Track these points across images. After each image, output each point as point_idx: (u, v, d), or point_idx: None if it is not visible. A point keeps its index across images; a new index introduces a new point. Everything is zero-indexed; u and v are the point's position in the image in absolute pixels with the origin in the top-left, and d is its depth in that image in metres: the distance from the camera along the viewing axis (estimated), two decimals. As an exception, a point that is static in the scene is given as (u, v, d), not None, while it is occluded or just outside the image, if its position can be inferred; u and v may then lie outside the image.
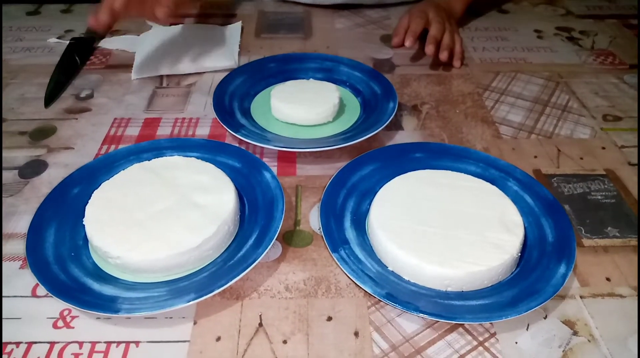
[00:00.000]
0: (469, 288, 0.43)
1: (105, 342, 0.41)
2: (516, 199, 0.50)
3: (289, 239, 0.50)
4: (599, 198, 0.54)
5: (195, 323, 0.42)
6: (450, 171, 0.52)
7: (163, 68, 0.73)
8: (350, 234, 0.48)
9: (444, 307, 0.41)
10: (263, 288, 0.45)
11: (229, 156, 0.55)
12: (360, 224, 0.49)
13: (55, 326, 0.42)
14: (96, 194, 0.48)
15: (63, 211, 0.49)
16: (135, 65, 0.74)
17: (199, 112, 0.66)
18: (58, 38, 0.82)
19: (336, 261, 0.45)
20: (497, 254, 0.43)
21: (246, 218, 0.50)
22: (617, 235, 0.50)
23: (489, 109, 0.67)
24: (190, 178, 0.50)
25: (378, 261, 0.46)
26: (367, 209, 0.50)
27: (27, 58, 0.77)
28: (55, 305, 0.43)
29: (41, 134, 0.62)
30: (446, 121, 0.65)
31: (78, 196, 0.50)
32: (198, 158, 0.53)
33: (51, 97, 0.68)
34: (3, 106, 0.66)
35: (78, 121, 0.64)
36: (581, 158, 0.59)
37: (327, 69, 0.71)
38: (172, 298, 0.41)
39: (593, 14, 0.92)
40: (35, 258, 0.44)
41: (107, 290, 0.42)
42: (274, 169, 0.57)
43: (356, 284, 0.44)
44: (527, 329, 0.42)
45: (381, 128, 0.58)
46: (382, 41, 0.82)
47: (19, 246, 0.48)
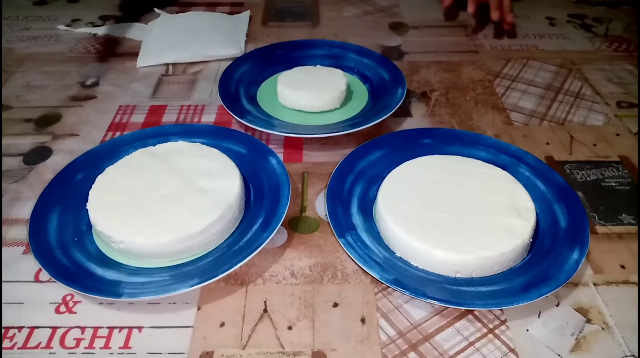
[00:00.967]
0: (479, 274, 0.42)
1: (107, 327, 0.40)
2: (528, 185, 0.49)
3: (295, 225, 0.49)
4: (613, 184, 0.53)
5: (199, 308, 0.42)
6: (459, 157, 0.51)
7: (168, 56, 0.72)
8: (357, 220, 0.47)
9: (453, 293, 0.40)
10: (268, 274, 0.44)
11: (235, 142, 0.54)
12: (367, 210, 0.48)
13: (57, 311, 0.41)
14: (100, 179, 0.48)
15: (67, 196, 0.49)
16: (141, 53, 0.73)
17: (205, 100, 0.65)
18: (66, 26, 0.81)
19: (342, 246, 0.44)
20: (508, 239, 0.42)
21: (252, 203, 0.49)
22: (632, 221, 0.49)
23: (500, 96, 0.66)
24: (195, 163, 0.49)
25: (385, 247, 0.45)
26: (375, 196, 0.49)
27: (34, 47, 0.76)
28: (57, 290, 0.43)
29: (46, 121, 0.61)
30: (456, 108, 0.64)
31: (82, 181, 0.50)
32: (204, 143, 0.52)
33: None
34: (9, 94, 0.66)
35: (83, 108, 0.64)
36: (594, 145, 0.58)
37: (335, 56, 0.70)
38: (176, 282, 0.40)
39: (607, 1, 0.90)
40: (37, 243, 0.44)
41: (110, 274, 0.42)
42: (281, 156, 0.56)
43: (363, 270, 0.43)
44: (539, 316, 0.41)
45: (389, 114, 0.57)
46: (391, 29, 0.81)
47: (23, 232, 0.48)
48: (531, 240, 0.44)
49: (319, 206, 0.51)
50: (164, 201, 0.45)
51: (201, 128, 0.56)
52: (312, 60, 0.69)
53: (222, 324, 0.40)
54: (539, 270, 0.42)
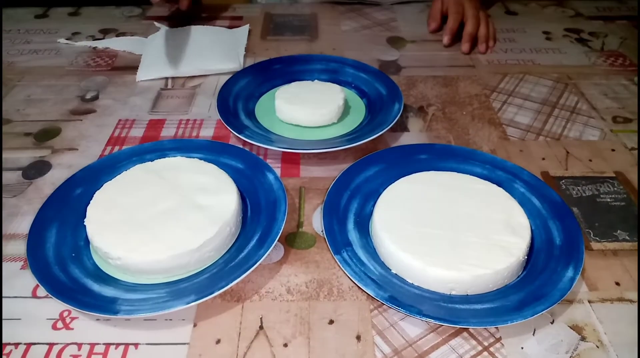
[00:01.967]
0: (474, 291, 0.42)
1: (104, 344, 0.40)
2: (523, 202, 0.49)
3: (292, 241, 0.49)
4: (609, 200, 0.53)
5: (195, 325, 0.42)
6: (455, 173, 0.51)
7: (168, 71, 0.73)
8: (353, 236, 0.47)
9: (448, 311, 0.40)
10: (264, 290, 0.44)
11: (232, 157, 0.55)
12: (363, 226, 0.48)
13: (54, 327, 0.42)
14: (98, 195, 0.48)
15: (65, 211, 0.49)
16: (140, 67, 0.74)
17: (204, 114, 0.66)
18: (67, 39, 0.82)
19: (338, 263, 0.44)
20: (503, 257, 0.42)
21: (248, 219, 0.49)
22: (627, 238, 0.49)
23: (496, 111, 0.66)
24: (192, 179, 0.49)
25: (381, 264, 0.45)
26: (371, 212, 0.49)
27: (34, 60, 0.77)
28: (55, 306, 0.43)
29: (46, 136, 0.62)
30: (453, 123, 0.64)
31: (80, 196, 0.50)
32: (201, 159, 0.53)
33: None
34: (9, 108, 0.67)
35: (82, 122, 0.64)
36: (590, 160, 0.58)
37: (333, 71, 0.70)
38: (172, 299, 0.40)
39: (603, 16, 0.90)
40: (35, 258, 0.44)
41: (107, 291, 0.42)
42: (278, 171, 0.57)
43: (359, 287, 0.43)
44: (534, 334, 0.41)
45: (386, 129, 0.58)
46: (389, 43, 0.82)
47: (21, 247, 0.48)
48: (526, 257, 0.44)
49: (316, 222, 0.51)
50: (162, 217, 0.46)
51: (199, 143, 0.56)
52: (310, 74, 0.70)
53: (218, 341, 0.41)
54: (534, 287, 0.42)
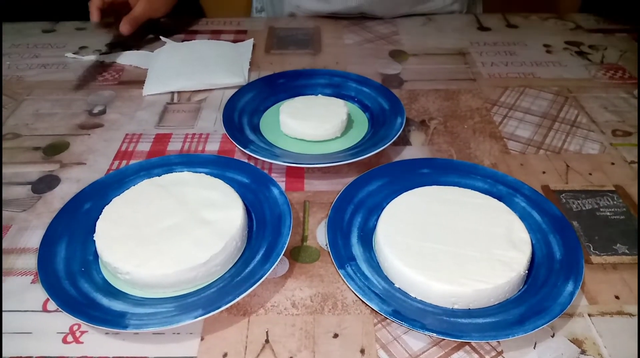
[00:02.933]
0: (476, 305, 0.43)
1: (113, 357, 0.41)
2: (524, 216, 0.50)
3: (296, 255, 0.50)
4: (608, 214, 0.54)
5: (202, 339, 0.43)
6: (457, 188, 0.52)
7: (174, 85, 0.74)
8: (357, 250, 0.48)
9: (451, 325, 0.41)
10: (270, 304, 0.45)
11: (238, 171, 0.56)
12: (367, 240, 0.49)
13: (64, 341, 0.42)
14: (107, 210, 0.49)
15: (74, 226, 0.50)
16: (147, 81, 0.75)
17: (209, 128, 0.67)
18: (74, 54, 0.83)
19: (342, 277, 0.45)
20: (504, 271, 0.43)
21: (254, 233, 0.50)
22: (627, 251, 0.50)
23: (497, 125, 0.67)
24: (199, 194, 0.50)
25: (385, 278, 0.46)
26: (374, 226, 0.50)
27: (43, 74, 0.78)
28: (65, 319, 0.44)
29: (54, 150, 0.63)
30: (454, 137, 0.65)
31: (89, 211, 0.51)
32: (207, 173, 0.54)
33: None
34: (18, 122, 0.68)
35: (90, 136, 0.65)
36: (590, 174, 0.59)
37: (336, 85, 0.72)
38: (180, 314, 0.41)
39: (603, 28, 0.91)
40: (46, 273, 0.45)
41: (116, 305, 0.43)
42: (282, 185, 0.58)
43: (363, 301, 0.44)
44: (535, 347, 0.42)
45: (389, 144, 0.59)
46: (391, 56, 0.83)
47: (31, 261, 0.49)
48: (527, 271, 0.45)
49: (320, 236, 0.52)
50: (169, 232, 0.47)
51: (205, 158, 0.57)
52: (314, 89, 0.71)
53: (225, 355, 0.41)
54: (535, 301, 0.43)
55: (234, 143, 0.59)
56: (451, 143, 0.64)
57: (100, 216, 0.48)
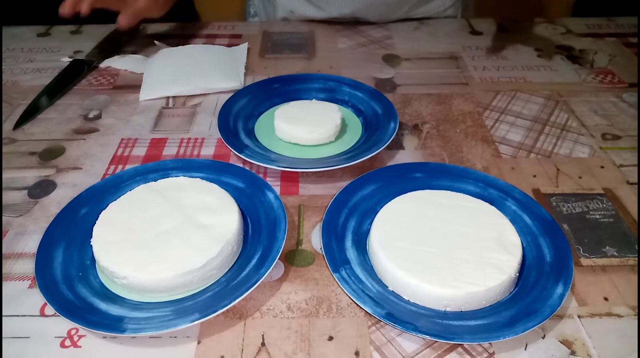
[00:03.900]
0: (468, 308, 0.44)
1: (111, 361, 0.42)
2: (515, 219, 0.51)
3: (292, 258, 0.51)
4: (598, 217, 0.55)
5: (199, 342, 0.43)
6: (449, 191, 0.53)
7: (170, 89, 0.74)
8: (351, 254, 0.49)
9: (443, 327, 0.42)
10: (265, 307, 0.46)
11: (233, 176, 0.56)
12: (361, 244, 0.50)
13: (62, 345, 0.43)
14: (103, 215, 0.50)
15: (71, 231, 0.50)
16: (143, 86, 0.76)
17: (204, 133, 0.67)
18: (69, 58, 0.84)
19: (337, 281, 0.45)
20: (495, 274, 0.44)
21: (249, 237, 0.51)
22: (615, 254, 0.51)
23: (489, 129, 0.68)
24: (195, 198, 0.51)
25: (378, 281, 0.46)
26: (368, 229, 0.51)
27: (38, 79, 0.79)
28: (63, 324, 0.44)
29: (50, 155, 0.63)
30: (446, 141, 0.66)
31: (86, 216, 0.52)
32: (203, 178, 0.54)
33: (23, 120, 0.69)
34: (14, 126, 0.68)
35: (86, 141, 0.66)
36: (580, 177, 0.60)
37: (330, 89, 0.72)
38: (177, 318, 0.42)
39: (593, 33, 0.93)
40: (44, 277, 0.46)
41: (114, 309, 0.43)
42: (277, 189, 0.58)
43: (357, 304, 0.45)
44: (526, 349, 0.43)
45: (382, 148, 0.59)
46: (384, 61, 0.84)
47: (28, 266, 0.49)
48: (517, 274, 0.45)
49: (315, 239, 0.53)
50: (165, 236, 0.47)
51: (201, 163, 0.58)
52: (308, 93, 0.72)
53: (222, 358, 0.42)
54: (525, 303, 0.44)
55: (229, 147, 0.60)
56: (443, 146, 0.65)
57: (97, 221, 0.49)
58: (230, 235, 0.47)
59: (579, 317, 0.45)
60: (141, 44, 0.88)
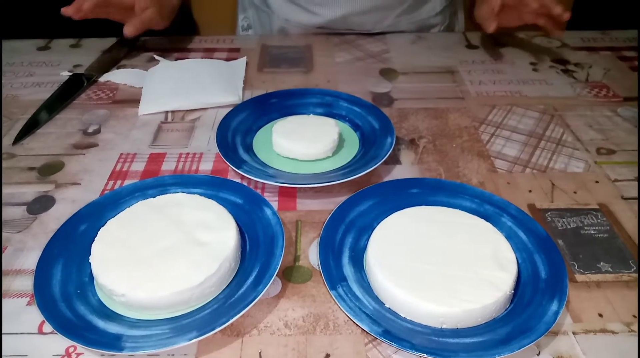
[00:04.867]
0: (464, 325, 0.44)
1: (109, 379, 0.42)
2: (510, 235, 0.52)
3: (289, 275, 0.51)
4: (592, 232, 0.56)
5: (196, 360, 0.43)
6: (445, 208, 0.53)
7: (169, 104, 0.75)
8: (348, 270, 0.49)
9: (439, 345, 0.42)
10: (263, 324, 0.46)
11: (231, 192, 0.57)
12: (358, 260, 0.50)
13: (61, 363, 0.43)
14: (102, 232, 0.50)
15: (70, 248, 0.51)
16: (142, 101, 0.76)
17: (203, 147, 0.68)
18: (69, 72, 0.84)
19: (334, 298, 0.46)
20: (491, 291, 0.44)
21: (247, 254, 0.51)
22: (610, 269, 0.51)
23: (485, 143, 0.69)
24: (193, 215, 0.51)
25: (375, 298, 0.47)
26: (365, 246, 0.51)
27: (37, 93, 0.79)
28: (61, 342, 0.44)
29: (49, 170, 0.64)
30: (443, 155, 0.67)
31: (85, 232, 0.52)
32: (201, 194, 0.55)
33: (23, 135, 0.70)
34: (13, 141, 0.69)
35: (85, 156, 0.66)
36: (575, 192, 0.61)
37: (327, 104, 0.73)
38: (175, 336, 0.42)
39: (587, 46, 0.94)
40: (42, 295, 0.46)
41: (112, 327, 0.44)
42: (275, 204, 0.59)
43: (353, 321, 0.45)
44: (521, 366, 0.43)
45: (379, 163, 0.60)
46: (381, 75, 0.85)
47: (27, 283, 0.50)
48: (513, 291, 0.46)
49: (312, 255, 0.53)
50: (164, 254, 0.47)
51: (199, 179, 0.58)
52: (306, 108, 0.72)
53: (219, 375, 0.42)
54: (521, 320, 0.44)
55: (228, 163, 0.61)
56: (440, 161, 0.66)
57: (95, 238, 0.49)
58: (228, 251, 0.47)
59: (574, 334, 0.46)
60: (140, 58, 0.89)
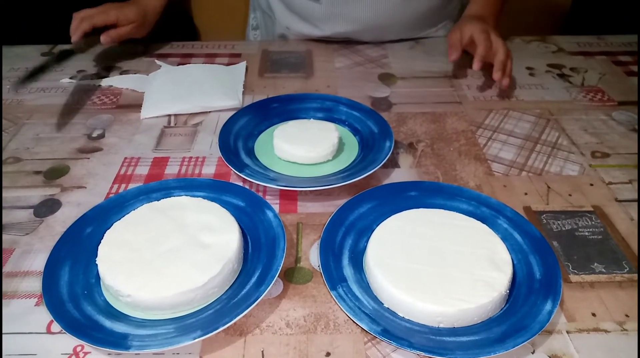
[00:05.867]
0: (460, 324, 0.45)
1: (116, 377, 0.43)
2: (506, 237, 0.53)
3: (290, 276, 0.52)
4: (586, 234, 0.57)
5: (201, 358, 0.45)
6: (442, 210, 0.55)
7: (170, 108, 0.76)
8: (348, 271, 0.50)
9: (436, 343, 0.43)
10: (265, 324, 0.48)
11: (234, 195, 0.58)
12: (357, 261, 0.52)
13: (69, 362, 0.44)
14: (108, 234, 0.51)
15: (76, 250, 0.52)
16: (144, 105, 0.78)
17: (205, 151, 0.69)
18: (70, 78, 0.86)
19: (334, 298, 0.47)
20: (487, 291, 0.46)
21: (249, 255, 0.52)
22: (603, 270, 0.53)
23: (482, 147, 0.70)
24: (196, 218, 0.53)
25: (374, 298, 0.48)
26: (365, 247, 0.52)
27: (42, 98, 0.81)
28: (69, 341, 0.45)
29: (55, 174, 0.65)
30: (441, 159, 0.68)
31: (91, 235, 0.53)
32: (204, 197, 0.56)
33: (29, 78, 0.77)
34: (19, 146, 0.70)
35: (90, 160, 0.68)
36: (570, 195, 0.62)
37: (327, 109, 0.74)
38: (180, 335, 0.44)
39: (583, 51, 0.95)
40: (50, 295, 0.47)
41: (118, 327, 0.45)
42: (276, 207, 0.60)
43: (353, 321, 0.46)
44: (516, 364, 0.44)
45: (378, 167, 0.61)
46: (380, 80, 0.86)
47: (35, 284, 0.51)
48: (508, 291, 0.47)
49: (313, 257, 0.54)
50: (168, 255, 0.49)
51: (202, 182, 0.60)
52: (306, 112, 0.74)
53: (223, 374, 0.44)
54: (516, 320, 0.45)
55: (230, 167, 0.62)
56: (437, 165, 0.67)
57: (102, 241, 0.50)
58: (231, 253, 0.49)
59: (568, 333, 0.47)
60: (142, 64, 0.90)
